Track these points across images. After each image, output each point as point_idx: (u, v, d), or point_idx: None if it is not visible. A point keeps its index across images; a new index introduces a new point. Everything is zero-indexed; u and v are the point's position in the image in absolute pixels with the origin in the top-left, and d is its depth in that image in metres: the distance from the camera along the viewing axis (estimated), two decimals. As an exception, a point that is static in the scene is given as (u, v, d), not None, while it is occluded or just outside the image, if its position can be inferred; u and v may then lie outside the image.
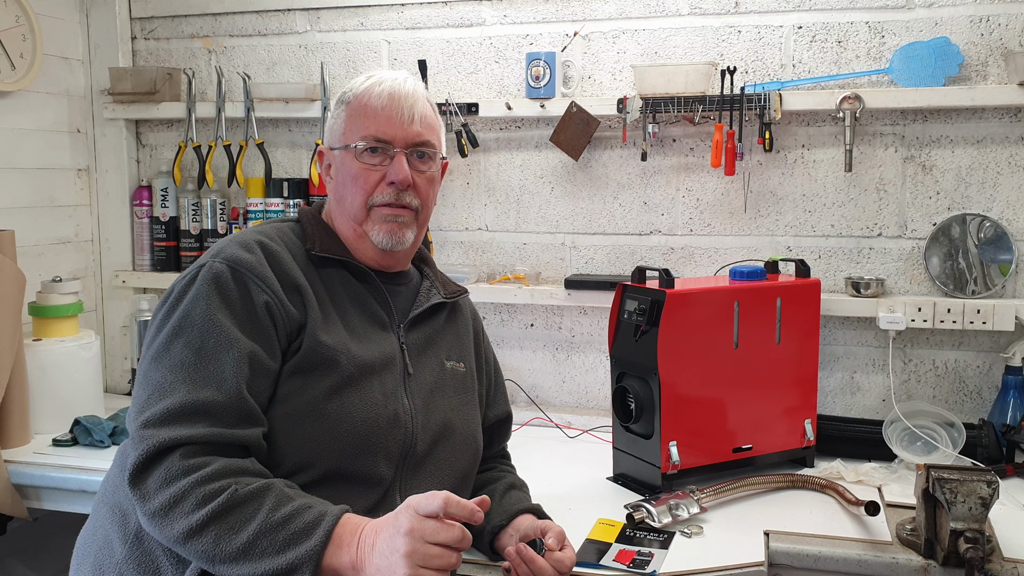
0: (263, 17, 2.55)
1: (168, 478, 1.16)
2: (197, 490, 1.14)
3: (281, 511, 1.15)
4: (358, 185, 1.40)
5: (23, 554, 2.34)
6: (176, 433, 1.17)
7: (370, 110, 1.40)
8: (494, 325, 2.44)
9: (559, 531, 1.41)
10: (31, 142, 2.45)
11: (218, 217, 2.55)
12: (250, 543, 1.13)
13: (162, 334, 1.27)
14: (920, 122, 2.11)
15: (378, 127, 1.39)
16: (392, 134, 1.39)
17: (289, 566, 1.12)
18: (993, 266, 2.08)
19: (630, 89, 2.27)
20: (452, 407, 1.47)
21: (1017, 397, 2.01)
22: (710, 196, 2.26)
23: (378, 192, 1.40)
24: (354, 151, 1.40)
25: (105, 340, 2.67)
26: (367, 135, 1.39)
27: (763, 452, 1.90)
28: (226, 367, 1.23)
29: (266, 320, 1.28)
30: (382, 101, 1.40)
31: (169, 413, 1.19)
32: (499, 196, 2.41)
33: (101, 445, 2.06)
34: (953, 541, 1.43)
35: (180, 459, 1.17)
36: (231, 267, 1.29)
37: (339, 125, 1.44)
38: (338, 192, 1.44)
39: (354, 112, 1.41)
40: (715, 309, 1.82)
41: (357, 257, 1.43)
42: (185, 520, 1.14)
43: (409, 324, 1.45)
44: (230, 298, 1.28)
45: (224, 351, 1.24)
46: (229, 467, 1.18)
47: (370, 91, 1.41)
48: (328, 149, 1.47)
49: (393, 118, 1.39)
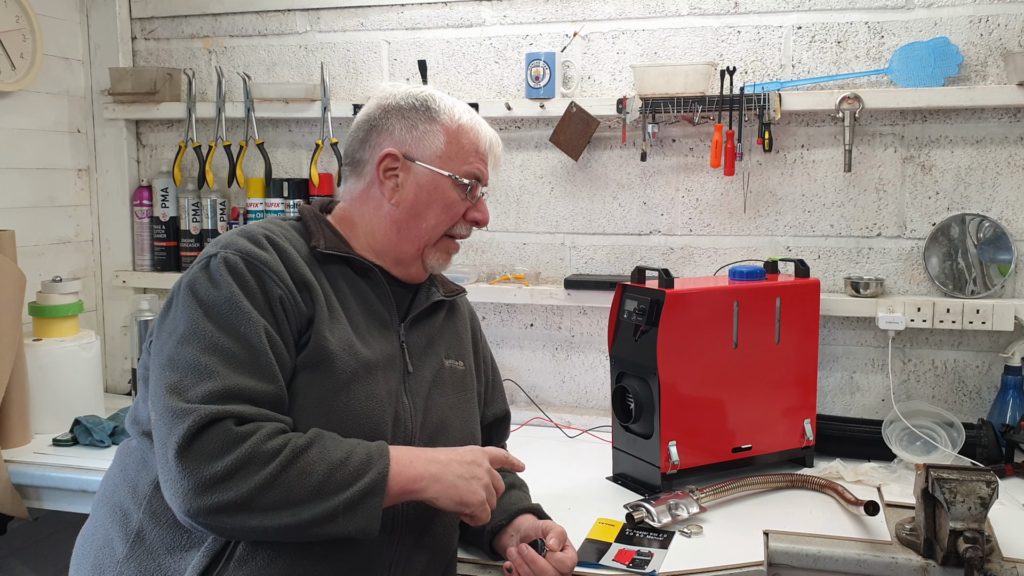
0: (263, 17, 2.55)
1: (229, 442, 1.14)
2: (261, 448, 1.15)
3: (341, 449, 1.20)
4: (448, 215, 1.43)
5: (23, 554, 2.34)
6: (225, 407, 1.17)
7: (480, 148, 1.45)
8: (494, 325, 2.44)
9: (561, 532, 1.41)
10: (31, 142, 2.45)
11: (218, 217, 2.55)
12: (324, 480, 1.16)
13: (186, 317, 1.23)
14: (919, 122, 2.12)
15: (483, 167, 1.46)
16: (487, 177, 1.47)
17: (367, 488, 1.18)
18: (992, 266, 2.08)
19: (630, 89, 2.27)
20: (450, 405, 1.47)
21: (1016, 397, 2.01)
22: (709, 196, 2.26)
23: (459, 225, 1.46)
24: (453, 180, 1.42)
25: (105, 340, 2.67)
26: (472, 171, 1.43)
27: (762, 452, 1.90)
28: (262, 356, 1.23)
29: (280, 314, 1.27)
30: (488, 143, 1.46)
31: (212, 394, 1.17)
32: (499, 196, 2.41)
33: (101, 445, 2.07)
34: (952, 541, 1.43)
35: (235, 425, 1.16)
36: (244, 259, 1.27)
37: (436, 143, 1.41)
38: (416, 209, 1.41)
39: (459, 140, 1.43)
40: (714, 309, 1.82)
41: (384, 264, 1.43)
42: (254, 478, 1.13)
43: (410, 323, 1.45)
44: (249, 287, 1.26)
45: (256, 338, 1.23)
46: (281, 426, 1.20)
47: (474, 128, 1.45)
48: (411, 160, 1.41)
49: (490, 165, 1.48)
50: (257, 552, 1.22)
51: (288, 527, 1.15)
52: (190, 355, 1.20)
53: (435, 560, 1.40)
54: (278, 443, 1.17)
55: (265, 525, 1.15)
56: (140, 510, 1.28)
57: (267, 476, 1.14)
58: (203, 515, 1.14)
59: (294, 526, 1.15)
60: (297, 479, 1.15)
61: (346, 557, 1.26)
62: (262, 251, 1.29)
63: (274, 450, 1.16)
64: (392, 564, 1.32)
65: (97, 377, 2.30)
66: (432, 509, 1.33)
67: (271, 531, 1.15)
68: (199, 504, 1.13)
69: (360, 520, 1.18)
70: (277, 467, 1.15)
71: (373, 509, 1.19)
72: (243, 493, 1.13)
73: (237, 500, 1.13)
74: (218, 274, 1.25)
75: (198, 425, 1.14)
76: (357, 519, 1.18)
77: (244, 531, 1.16)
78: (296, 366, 1.28)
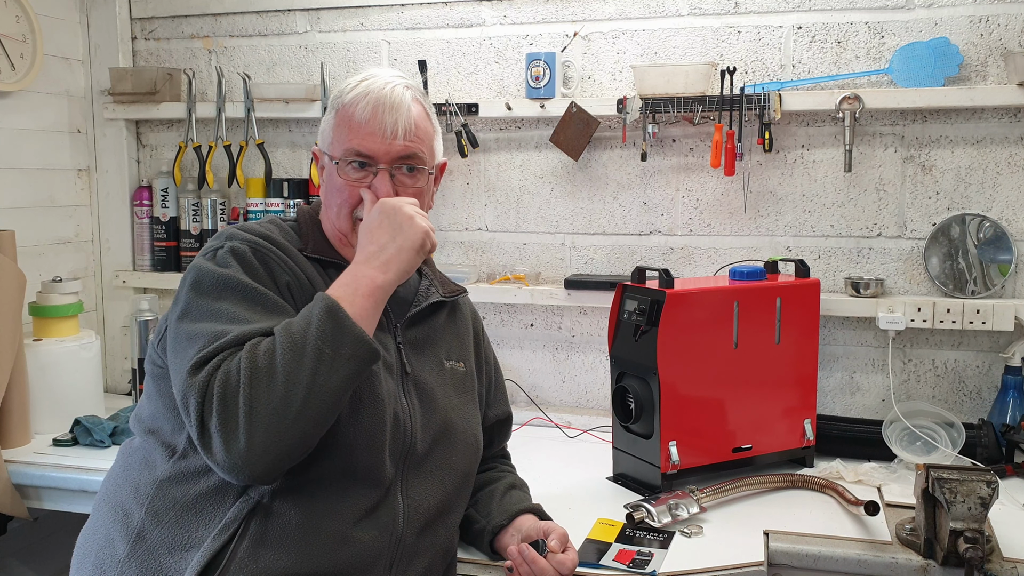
0: (263, 17, 2.55)
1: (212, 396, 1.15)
2: (229, 372, 1.15)
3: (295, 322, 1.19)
4: (343, 198, 1.39)
5: (23, 554, 2.34)
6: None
7: (354, 123, 1.36)
8: (494, 325, 2.44)
9: (562, 533, 1.41)
10: (31, 142, 2.45)
11: (218, 217, 2.55)
12: (288, 347, 1.16)
13: (200, 299, 1.25)
14: (920, 122, 2.12)
15: (360, 141, 1.36)
16: (375, 149, 1.36)
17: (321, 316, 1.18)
18: (993, 266, 2.08)
19: (630, 89, 2.27)
20: (452, 406, 1.46)
21: (1016, 397, 2.01)
22: (710, 196, 2.26)
23: (361, 207, 1.38)
24: (337, 163, 1.38)
25: (105, 340, 2.67)
26: (349, 148, 1.37)
27: (763, 452, 1.90)
28: (269, 301, 1.25)
29: (289, 299, 1.29)
30: (366, 114, 1.35)
31: (223, 344, 1.18)
32: (499, 196, 2.41)
33: (101, 445, 2.07)
34: (952, 541, 1.43)
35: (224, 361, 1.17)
36: (252, 246, 1.30)
37: (328, 131, 1.42)
38: (326, 198, 1.43)
39: (341, 121, 1.39)
40: (715, 309, 1.82)
41: (348, 258, 1.43)
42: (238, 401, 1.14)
43: (407, 323, 1.45)
44: (257, 272, 1.28)
45: (272, 302, 1.25)
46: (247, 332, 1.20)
47: (356, 102, 1.37)
48: (320, 152, 1.46)
49: (376, 133, 1.35)
50: (258, 552, 1.22)
51: (302, 397, 1.14)
52: (208, 325, 1.21)
53: (436, 560, 1.39)
54: (241, 356, 1.16)
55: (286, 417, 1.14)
56: (142, 509, 1.28)
57: (243, 386, 1.13)
58: (249, 466, 1.15)
59: (307, 393, 1.14)
60: (266, 367, 1.14)
61: (347, 558, 1.26)
62: (265, 241, 1.32)
63: (237, 366, 1.15)
64: (393, 564, 1.32)
65: (97, 377, 2.30)
66: (433, 510, 1.34)
67: (294, 412, 1.14)
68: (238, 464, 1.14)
69: (349, 346, 1.17)
70: (246, 376, 1.14)
71: (348, 328, 1.18)
72: (275, 401, 1.13)
73: (274, 406, 1.13)
74: (228, 260, 1.28)
75: (199, 398, 1.15)
76: (345, 345, 1.17)
77: (282, 433, 1.15)
78: None
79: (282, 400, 1.14)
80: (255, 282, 1.27)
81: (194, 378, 1.17)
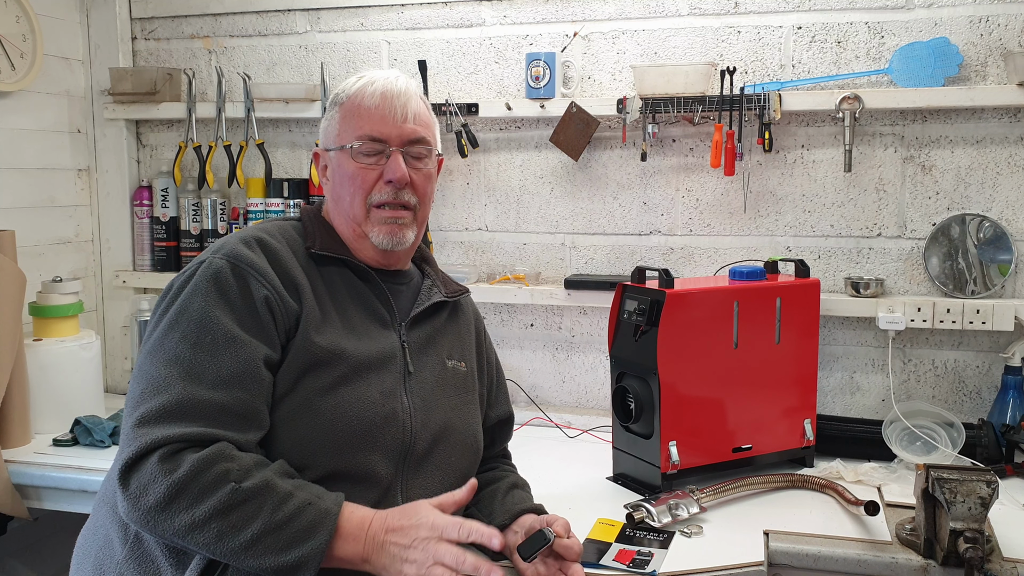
0: (263, 17, 2.55)
1: (163, 471, 1.14)
2: (195, 482, 1.14)
3: (284, 510, 1.16)
4: (356, 185, 1.40)
5: (23, 554, 2.34)
6: (170, 431, 1.17)
7: (364, 109, 1.41)
8: (494, 325, 2.44)
9: (564, 522, 1.42)
10: (31, 142, 2.45)
11: (218, 217, 2.55)
12: (254, 540, 1.14)
13: (159, 329, 1.27)
14: (919, 122, 2.12)
15: (372, 126, 1.40)
16: (387, 132, 1.40)
17: (296, 562, 1.14)
18: (992, 266, 2.08)
19: (630, 89, 2.27)
20: (453, 406, 1.47)
21: (1016, 397, 2.01)
22: (710, 196, 2.26)
23: (376, 191, 1.41)
24: (350, 151, 1.40)
25: (105, 340, 2.67)
26: (362, 134, 1.40)
27: (763, 452, 1.90)
28: (224, 365, 1.23)
29: (266, 315, 1.28)
30: (375, 100, 1.40)
31: (164, 410, 1.19)
32: (499, 196, 2.42)
33: (101, 445, 2.07)
34: (952, 541, 1.43)
35: (172, 454, 1.16)
36: (231, 262, 1.29)
37: (333, 126, 1.44)
38: (335, 193, 1.45)
39: (348, 112, 1.42)
40: (715, 309, 1.82)
41: (358, 256, 1.44)
42: (186, 514, 1.14)
43: (411, 323, 1.45)
44: (229, 295, 1.28)
45: (223, 349, 1.24)
46: (223, 451, 1.18)
47: (363, 91, 1.41)
48: (324, 151, 1.47)
49: (387, 117, 1.40)
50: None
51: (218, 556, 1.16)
52: (153, 368, 1.23)
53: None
54: (213, 476, 1.15)
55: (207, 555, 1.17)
56: (141, 510, 1.28)
57: (199, 518, 1.14)
58: (159, 536, 1.18)
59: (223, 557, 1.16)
60: (229, 531, 1.14)
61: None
62: (251, 253, 1.32)
63: (207, 486, 1.14)
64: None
65: (97, 377, 2.30)
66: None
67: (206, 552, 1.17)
68: (147, 527, 1.16)
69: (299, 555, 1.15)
70: (208, 512, 1.14)
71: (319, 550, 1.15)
72: (178, 526, 1.14)
73: (176, 529, 1.14)
74: (201, 283, 1.28)
75: (137, 454, 1.16)
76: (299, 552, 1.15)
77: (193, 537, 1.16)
78: (283, 369, 1.29)
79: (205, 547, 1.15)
80: (227, 311, 1.26)
81: (139, 432, 1.17)
